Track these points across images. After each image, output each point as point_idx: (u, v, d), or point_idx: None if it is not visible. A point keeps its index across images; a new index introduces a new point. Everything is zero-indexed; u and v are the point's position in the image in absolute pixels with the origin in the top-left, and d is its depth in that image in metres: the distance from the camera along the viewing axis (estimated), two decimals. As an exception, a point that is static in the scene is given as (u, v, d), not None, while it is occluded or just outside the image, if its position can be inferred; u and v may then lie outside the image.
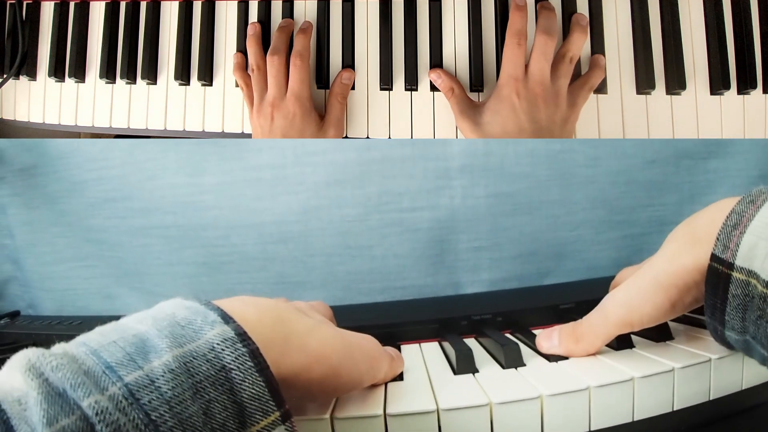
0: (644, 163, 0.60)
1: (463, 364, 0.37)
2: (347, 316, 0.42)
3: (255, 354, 0.24)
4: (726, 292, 0.31)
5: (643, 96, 0.57)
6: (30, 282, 0.70)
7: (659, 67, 0.57)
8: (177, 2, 0.65)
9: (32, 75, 0.68)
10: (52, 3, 0.68)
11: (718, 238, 0.32)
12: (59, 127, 0.67)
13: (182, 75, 0.63)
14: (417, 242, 0.57)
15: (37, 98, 0.68)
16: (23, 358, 0.23)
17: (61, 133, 0.69)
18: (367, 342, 0.34)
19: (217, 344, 0.24)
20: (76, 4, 0.68)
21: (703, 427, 0.35)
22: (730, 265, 0.31)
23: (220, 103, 0.63)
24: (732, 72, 0.57)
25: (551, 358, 0.38)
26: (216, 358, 0.23)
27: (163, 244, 0.62)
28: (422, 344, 0.45)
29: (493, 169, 0.57)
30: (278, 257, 0.58)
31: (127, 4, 0.66)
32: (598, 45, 0.57)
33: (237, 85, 0.61)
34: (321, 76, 0.60)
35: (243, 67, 0.60)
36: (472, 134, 0.53)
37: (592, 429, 0.33)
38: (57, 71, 0.67)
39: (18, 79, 0.68)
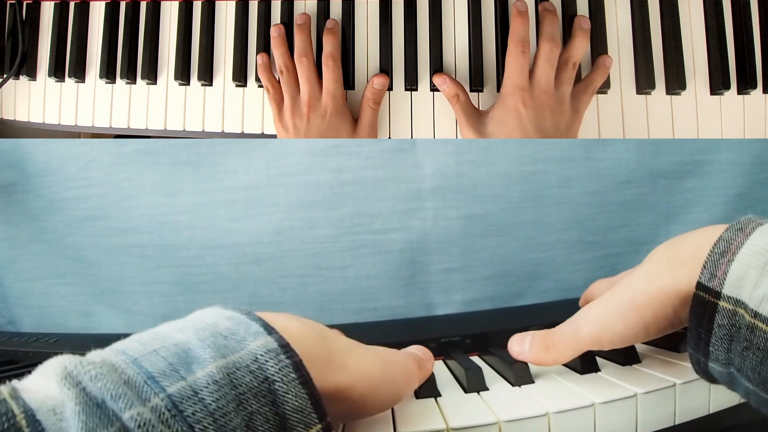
0: (619, 184, 0.60)
1: (426, 389, 0.37)
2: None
3: (298, 366, 0.24)
4: (711, 322, 0.30)
5: (643, 96, 0.57)
6: (9, 298, 0.71)
7: (659, 67, 0.57)
8: (177, 2, 0.65)
9: (32, 75, 0.68)
10: (52, 3, 0.68)
11: (704, 266, 0.31)
12: (59, 127, 0.67)
13: (182, 75, 0.63)
14: (389, 264, 0.58)
15: (37, 98, 0.68)
16: (58, 365, 0.22)
17: (61, 133, 0.69)
18: (401, 357, 0.34)
19: (261, 355, 0.24)
20: (76, 4, 0.68)
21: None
22: (717, 294, 0.30)
23: (220, 103, 0.63)
24: (732, 72, 0.57)
25: (515, 382, 0.38)
26: (259, 370, 0.23)
27: (140, 263, 0.62)
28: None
29: (465, 191, 0.58)
30: (252, 278, 0.59)
31: (127, 4, 0.66)
32: (598, 45, 0.57)
33: (260, 86, 0.61)
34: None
35: (269, 68, 0.60)
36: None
37: None
38: (57, 71, 0.67)
39: (18, 79, 0.68)
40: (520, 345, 0.38)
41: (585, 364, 0.39)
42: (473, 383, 0.38)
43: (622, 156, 0.61)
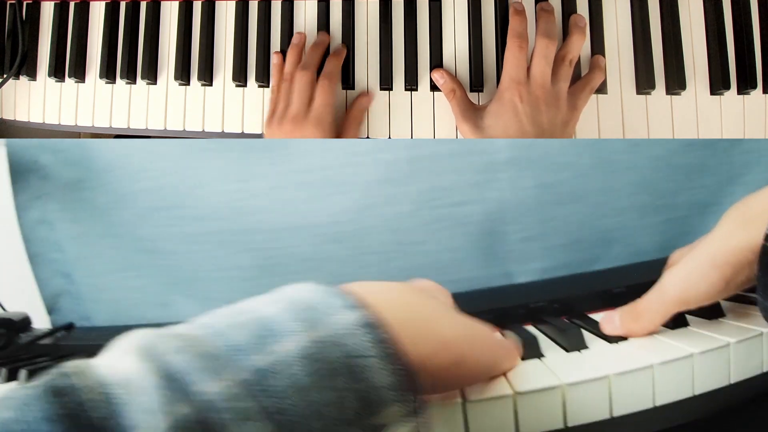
0: (682, 147, 0.60)
1: (530, 350, 0.38)
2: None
3: (390, 342, 0.23)
4: None
5: (643, 96, 0.57)
6: (83, 294, 0.71)
7: (659, 67, 0.57)
8: (177, 2, 0.65)
9: (32, 75, 0.68)
10: (52, 3, 0.68)
11: None
12: (59, 127, 0.67)
13: (182, 75, 0.63)
14: (468, 236, 0.58)
15: (37, 98, 0.68)
16: (140, 339, 0.22)
17: (62, 133, 0.69)
18: (488, 333, 0.33)
19: (352, 330, 0.23)
20: (76, 4, 0.68)
21: (759, 399, 0.37)
22: None
23: (220, 103, 0.63)
24: (732, 72, 0.57)
25: (611, 339, 0.39)
26: (351, 345, 0.22)
27: (217, 250, 0.63)
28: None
29: (537, 161, 0.58)
30: (332, 256, 0.60)
31: (127, 4, 0.66)
32: (598, 45, 0.57)
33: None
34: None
35: (281, 69, 0.60)
36: (473, 137, 0.53)
37: (656, 404, 0.34)
38: (57, 71, 0.67)
39: (18, 79, 0.68)
40: (611, 323, 0.40)
41: (674, 320, 0.40)
42: (574, 342, 0.39)
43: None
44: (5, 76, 0.67)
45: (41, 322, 0.70)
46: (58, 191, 0.71)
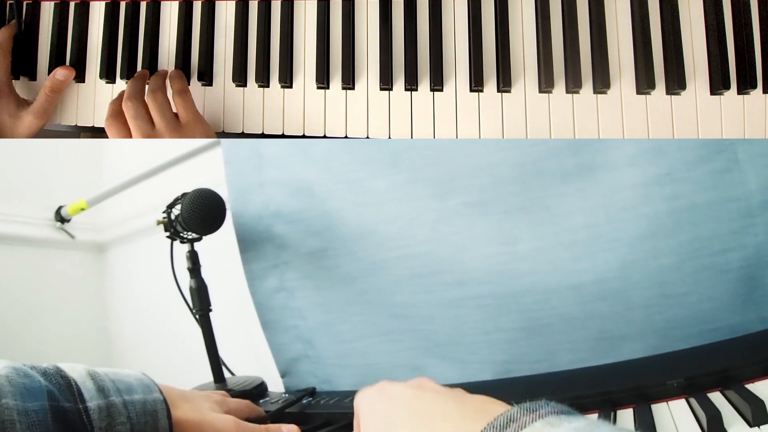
0: None
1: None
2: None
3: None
4: None
5: (643, 96, 0.57)
6: (324, 359, 0.74)
7: (659, 67, 0.57)
8: (177, 2, 0.65)
9: (32, 75, 0.68)
10: (52, 3, 0.68)
11: None
12: (59, 127, 0.67)
13: (182, 75, 0.63)
14: (728, 283, 0.58)
15: (37, 98, 0.68)
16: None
17: (62, 134, 0.69)
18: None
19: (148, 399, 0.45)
20: (76, 4, 0.68)
21: None
22: None
23: (221, 103, 0.63)
24: (732, 72, 0.57)
25: None
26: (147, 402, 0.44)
27: (479, 313, 0.64)
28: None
29: None
30: (598, 314, 0.60)
31: (127, 4, 0.66)
32: (599, 45, 0.57)
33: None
34: (321, 76, 0.60)
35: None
36: None
37: None
38: (57, 71, 0.67)
39: (18, 79, 0.68)
40: None
41: None
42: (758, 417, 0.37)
43: None
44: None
45: (273, 385, 0.73)
46: (298, 259, 0.73)
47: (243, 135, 0.62)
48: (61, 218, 1.07)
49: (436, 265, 0.65)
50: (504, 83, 0.57)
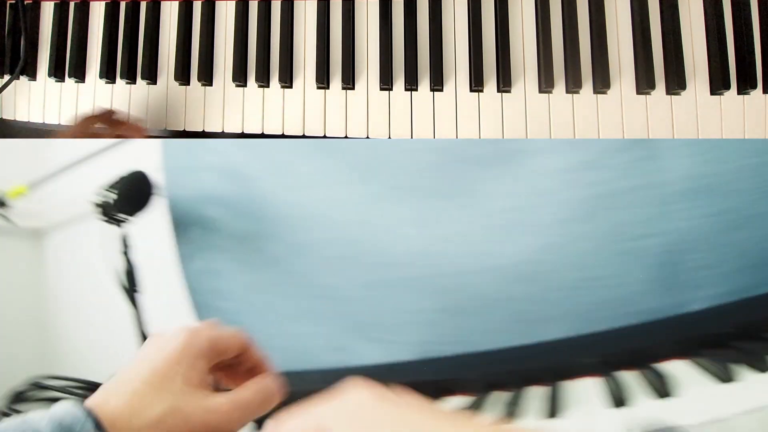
0: None
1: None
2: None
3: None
4: None
5: (643, 96, 0.57)
6: (255, 341, 0.73)
7: (659, 67, 0.57)
8: (177, 2, 0.65)
9: (32, 75, 0.68)
10: (52, 3, 0.68)
11: None
12: (59, 127, 0.67)
13: (182, 75, 0.63)
14: (647, 268, 0.60)
15: (37, 98, 0.68)
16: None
17: (61, 134, 0.69)
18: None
19: None
20: (76, 4, 0.68)
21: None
22: None
23: (220, 103, 0.63)
24: (732, 72, 0.57)
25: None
26: None
27: (402, 295, 0.64)
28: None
29: (709, 190, 0.59)
30: (518, 297, 0.61)
31: (127, 4, 0.66)
32: (599, 45, 0.57)
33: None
34: (321, 76, 0.60)
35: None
36: None
37: None
38: (57, 71, 0.67)
39: (18, 79, 0.68)
40: None
41: None
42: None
43: None
44: (6, 77, 0.67)
45: None
46: (227, 242, 0.73)
47: (243, 135, 0.62)
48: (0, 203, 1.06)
49: (360, 248, 0.65)
50: (504, 83, 0.57)
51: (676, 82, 0.56)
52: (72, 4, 0.68)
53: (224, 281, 0.74)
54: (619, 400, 0.41)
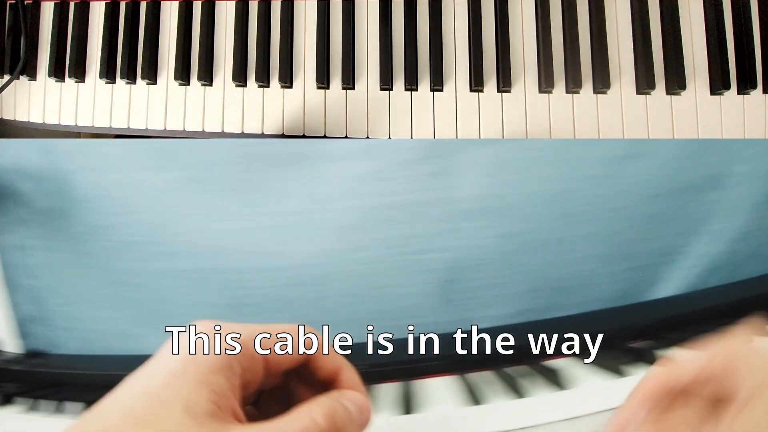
0: (643, 199, 0.62)
1: None
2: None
3: None
4: None
5: (643, 96, 0.57)
6: (52, 321, 0.73)
7: (659, 67, 0.57)
8: (177, 2, 0.65)
9: (32, 75, 0.68)
10: (52, 3, 0.68)
11: None
12: (59, 127, 0.67)
13: (182, 75, 0.63)
14: (429, 283, 0.61)
15: (37, 98, 0.68)
16: None
17: (62, 133, 0.69)
18: None
19: None
20: (76, 4, 0.68)
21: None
22: None
23: (220, 103, 0.63)
24: (732, 72, 0.57)
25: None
26: None
27: (186, 287, 0.64)
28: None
29: (500, 211, 0.60)
30: (297, 299, 0.62)
31: (127, 4, 0.66)
32: (599, 45, 0.57)
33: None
34: (321, 76, 0.60)
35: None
36: None
37: None
38: (57, 71, 0.67)
39: (18, 79, 0.68)
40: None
41: None
42: None
43: (648, 172, 0.62)
44: (6, 78, 0.67)
45: (14, 346, 0.72)
46: (38, 218, 0.72)
47: (243, 135, 0.62)
48: None
49: (150, 234, 0.65)
50: (504, 83, 0.57)
51: (676, 82, 0.56)
52: (72, 4, 0.68)
53: (31, 258, 0.73)
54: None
